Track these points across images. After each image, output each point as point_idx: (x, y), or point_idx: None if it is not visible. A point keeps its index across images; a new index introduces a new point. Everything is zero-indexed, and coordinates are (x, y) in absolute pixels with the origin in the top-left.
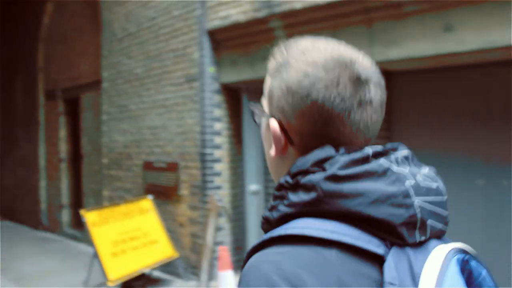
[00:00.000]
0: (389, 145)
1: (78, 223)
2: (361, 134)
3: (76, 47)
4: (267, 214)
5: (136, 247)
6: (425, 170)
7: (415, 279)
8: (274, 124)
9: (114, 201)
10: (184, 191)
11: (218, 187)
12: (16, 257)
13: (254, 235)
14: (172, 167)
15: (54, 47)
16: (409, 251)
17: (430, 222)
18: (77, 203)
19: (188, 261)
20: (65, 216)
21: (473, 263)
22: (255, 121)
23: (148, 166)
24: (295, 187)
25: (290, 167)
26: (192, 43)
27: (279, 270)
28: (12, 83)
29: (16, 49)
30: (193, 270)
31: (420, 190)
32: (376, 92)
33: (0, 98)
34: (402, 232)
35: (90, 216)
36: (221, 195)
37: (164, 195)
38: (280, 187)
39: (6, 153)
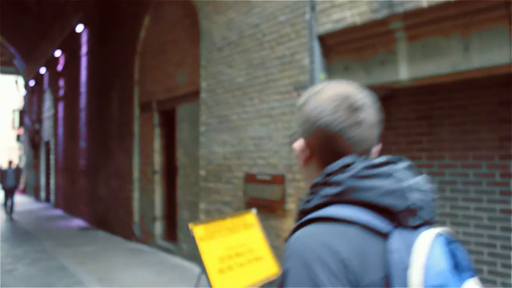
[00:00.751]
0: (394, 157)
1: (171, 236)
2: (356, 147)
3: (173, 58)
4: (303, 206)
5: (242, 263)
6: (420, 177)
7: (410, 249)
8: (298, 142)
9: (214, 215)
10: (291, 205)
11: None
12: (112, 268)
13: None
14: (278, 180)
15: (150, 60)
16: (407, 231)
17: (421, 213)
18: (170, 216)
19: None
20: (158, 228)
21: (454, 243)
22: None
23: (250, 178)
24: (326, 184)
25: (319, 171)
26: (300, 49)
27: (318, 239)
28: (109, 96)
29: (113, 64)
30: None
31: (414, 189)
32: (368, 115)
33: (98, 111)
34: (401, 217)
35: (197, 230)
36: None
37: (268, 209)
38: (314, 185)
39: (101, 165)
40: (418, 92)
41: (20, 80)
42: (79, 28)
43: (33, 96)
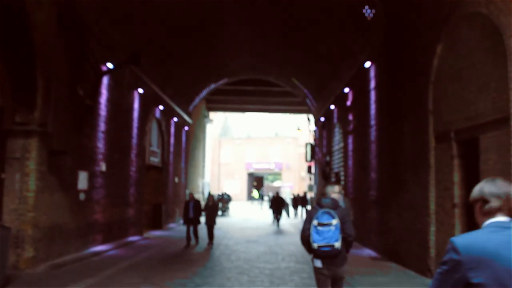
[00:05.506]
0: (328, 198)
1: None
2: (324, 194)
3: (472, 84)
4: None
5: None
6: (329, 200)
7: (319, 211)
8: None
9: None
10: None
11: None
12: None
13: None
14: None
15: (445, 88)
16: (321, 208)
17: (325, 206)
18: None
19: None
20: None
21: (331, 211)
22: None
23: None
24: (318, 200)
25: None
26: None
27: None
28: (400, 128)
29: (403, 95)
30: None
31: (324, 202)
32: (328, 190)
33: (388, 143)
34: (320, 206)
35: None
36: None
37: None
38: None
39: (393, 196)
40: None
41: (311, 117)
42: (367, 64)
43: (323, 131)
